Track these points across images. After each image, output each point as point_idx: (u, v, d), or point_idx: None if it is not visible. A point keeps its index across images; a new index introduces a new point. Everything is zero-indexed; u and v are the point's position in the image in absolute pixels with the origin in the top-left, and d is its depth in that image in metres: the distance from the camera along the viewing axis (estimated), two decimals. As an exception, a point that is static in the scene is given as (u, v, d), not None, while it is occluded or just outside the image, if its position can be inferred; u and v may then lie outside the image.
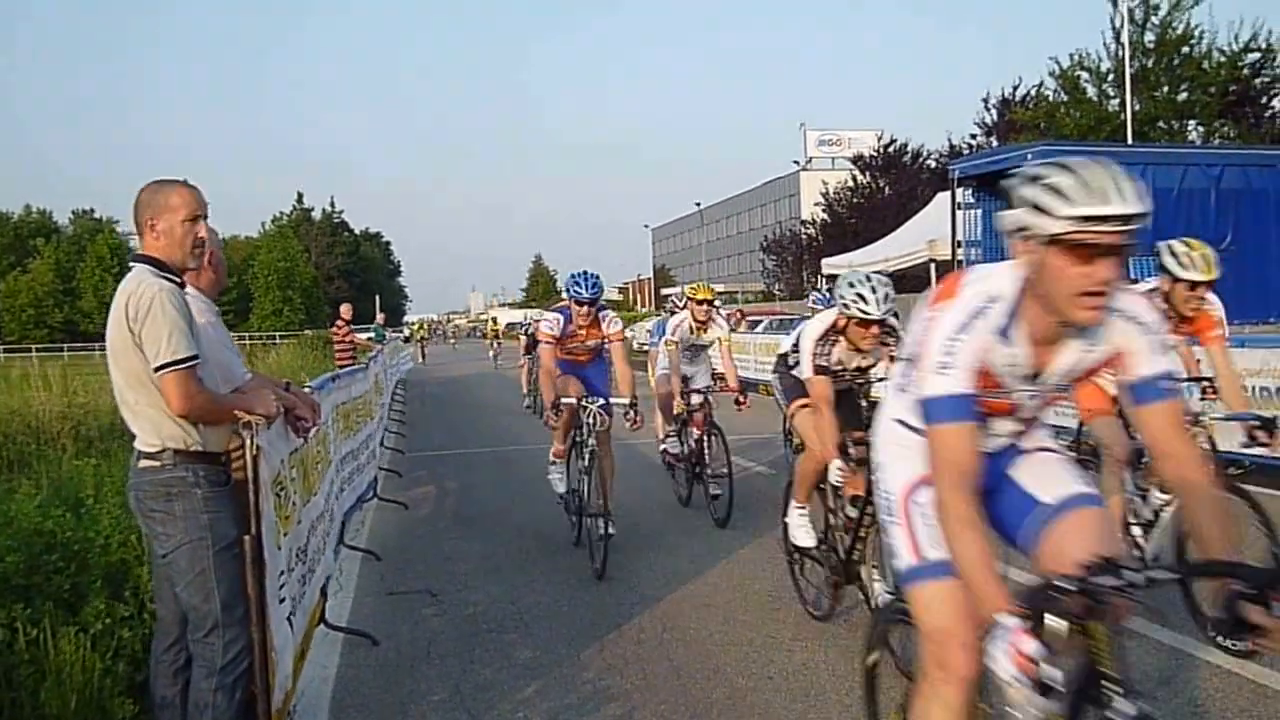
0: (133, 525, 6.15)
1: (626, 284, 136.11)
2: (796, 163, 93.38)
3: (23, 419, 12.84)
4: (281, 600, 4.82)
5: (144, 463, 4.34)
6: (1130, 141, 31.48)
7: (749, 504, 11.09)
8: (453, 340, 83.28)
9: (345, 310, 22.42)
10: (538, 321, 10.12)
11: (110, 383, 4.46)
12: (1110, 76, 37.97)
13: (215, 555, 4.31)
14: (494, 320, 48.08)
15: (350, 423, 10.11)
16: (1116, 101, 37.25)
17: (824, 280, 35.70)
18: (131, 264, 4.40)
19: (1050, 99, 41.26)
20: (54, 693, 4.86)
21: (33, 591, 5.40)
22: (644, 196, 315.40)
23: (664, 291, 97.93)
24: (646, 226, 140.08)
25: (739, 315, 33.22)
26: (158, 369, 4.15)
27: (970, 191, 19.92)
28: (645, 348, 19.06)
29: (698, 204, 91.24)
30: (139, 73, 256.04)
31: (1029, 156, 17.42)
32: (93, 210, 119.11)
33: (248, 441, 4.33)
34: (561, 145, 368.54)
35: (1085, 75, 38.97)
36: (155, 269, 4.31)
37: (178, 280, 4.37)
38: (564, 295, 9.26)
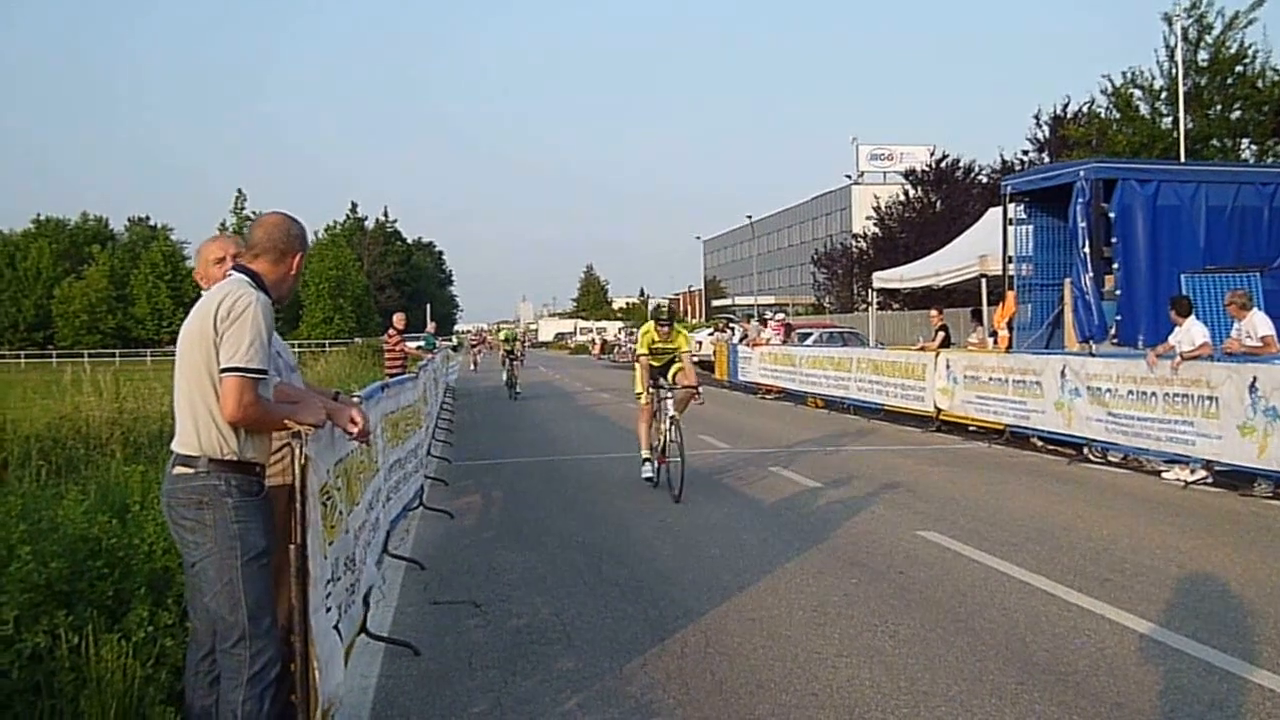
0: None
1: (677, 295, 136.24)
2: (848, 176, 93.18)
3: (73, 424, 12.95)
4: (328, 610, 4.79)
5: (178, 469, 4.35)
6: (1183, 159, 31.10)
7: (793, 519, 11.03)
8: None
9: (398, 319, 22.44)
10: None
11: (163, 389, 4.53)
12: (1163, 94, 37.56)
13: (243, 566, 4.30)
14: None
15: (399, 432, 10.14)
16: (1169, 119, 36.84)
17: (874, 294, 35.54)
18: (231, 270, 4.53)
19: (1102, 116, 40.84)
20: (94, 700, 4.87)
21: (75, 598, 5.42)
22: (696, 209, 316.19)
23: (715, 303, 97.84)
24: (698, 238, 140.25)
25: (783, 328, 32.97)
26: (224, 369, 4.19)
27: (1022, 207, 19.66)
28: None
29: (749, 216, 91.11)
30: (184, 89, 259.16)
31: (1081, 173, 17.21)
32: (148, 218, 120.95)
33: (296, 450, 4.32)
34: (614, 157, 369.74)
35: (1138, 93, 38.57)
36: (253, 282, 4.42)
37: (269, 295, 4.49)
38: None
